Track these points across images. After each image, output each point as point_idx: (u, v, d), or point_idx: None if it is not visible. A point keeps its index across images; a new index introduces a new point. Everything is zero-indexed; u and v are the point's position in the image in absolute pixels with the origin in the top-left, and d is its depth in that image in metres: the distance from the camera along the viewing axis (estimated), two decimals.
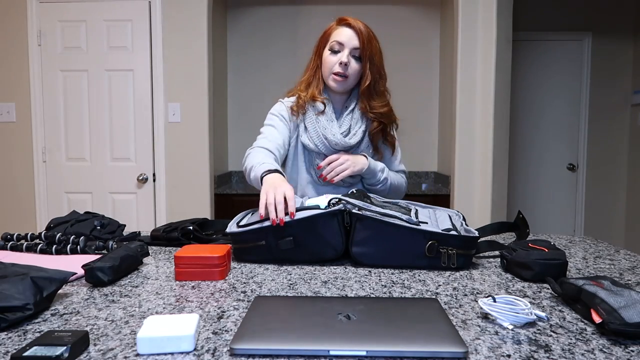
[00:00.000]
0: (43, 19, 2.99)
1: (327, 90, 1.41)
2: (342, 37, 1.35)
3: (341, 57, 1.33)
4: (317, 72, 1.41)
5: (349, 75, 1.34)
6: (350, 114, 1.40)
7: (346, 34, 1.35)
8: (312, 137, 1.38)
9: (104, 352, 0.59)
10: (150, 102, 3.03)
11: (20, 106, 3.04)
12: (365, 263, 1.01)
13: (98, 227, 1.20)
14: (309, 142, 1.38)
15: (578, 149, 4.10)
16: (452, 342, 0.58)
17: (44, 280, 0.73)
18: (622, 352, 0.59)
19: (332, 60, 1.35)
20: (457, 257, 0.97)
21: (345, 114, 1.40)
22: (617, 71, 4.04)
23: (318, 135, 1.37)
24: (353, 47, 1.34)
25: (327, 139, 1.36)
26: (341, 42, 1.34)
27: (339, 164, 1.31)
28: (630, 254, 1.14)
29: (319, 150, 1.37)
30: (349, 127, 1.38)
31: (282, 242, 1.01)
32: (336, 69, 1.34)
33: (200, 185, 3.07)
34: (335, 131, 1.36)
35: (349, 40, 1.34)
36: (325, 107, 1.38)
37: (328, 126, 1.37)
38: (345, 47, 1.34)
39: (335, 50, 1.35)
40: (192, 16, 3.00)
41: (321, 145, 1.37)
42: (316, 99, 1.38)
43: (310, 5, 3.75)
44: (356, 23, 1.37)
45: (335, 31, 1.37)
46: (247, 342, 0.58)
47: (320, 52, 1.40)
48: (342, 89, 1.37)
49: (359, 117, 1.40)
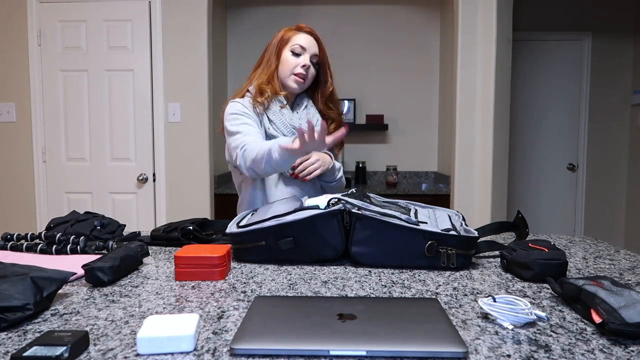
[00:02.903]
0: (43, 19, 2.99)
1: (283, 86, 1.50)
2: (305, 42, 1.44)
3: (304, 60, 1.44)
4: (275, 71, 1.47)
5: (307, 78, 1.45)
6: (305, 110, 1.50)
7: (308, 39, 1.46)
8: (279, 128, 1.44)
9: (104, 352, 0.59)
10: (150, 102, 3.04)
11: (20, 106, 3.04)
12: (365, 263, 1.01)
13: (98, 227, 1.20)
14: (277, 134, 1.44)
15: (578, 149, 4.10)
16: (452, 342, 0.58)
17: (44, 280, 0.73)
18: (622, 352, 0.59)
19: (293, 62, 1.44)
20: (457, 257, 0.97)
21: (300, 109, 1.50)
22: (617, 71, 4.04)
23: (286, 125, 1.44)
24: (313, 53, 1.46)
25: (294, 127, 1.43)
26: (304, 46, 1.44)
27: (311, 163, 1.40)
28: (630, 254, 1.14)
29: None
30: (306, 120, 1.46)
31: (282, 242, 1.01)
32: (298, 70, 1.43)
33: (200, 185, 3.07)
34: (302, 122, 1.45)
35: (310, 46, 1.45)
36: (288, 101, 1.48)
37: (294, 117, 1.46)
38: (306, 51, 1.44)
39: (297, 53, 1.44)
40: (192, 16, 3.00)
41: (289, 135, 1.43)
42: (279, 93, 1.46)
43: (310, 6, 3.75)
44: (315, 32, 1.49)
45: (295, 36, 1.46)
46: (247, 342, 0.58)
47: (279, 53, 1.47)
48: (300, 89, 1.47)
49: (314, 113, 1.50)
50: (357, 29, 3.73)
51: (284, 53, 1.46)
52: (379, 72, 3.73)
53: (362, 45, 3.76)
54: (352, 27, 3.74)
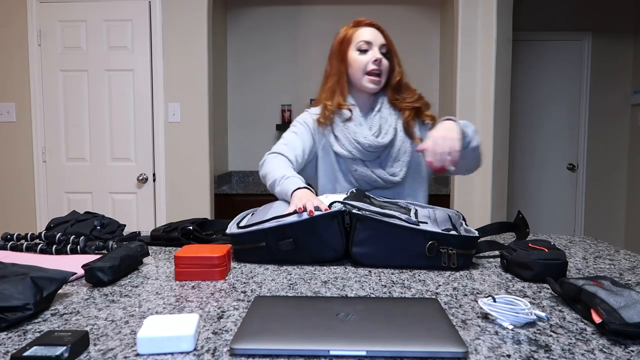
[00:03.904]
0: (43, 19, 2.99)
1: (353, 93, 1.40)
2: (369, 36, 1.34)
3: (374, 54, 1.32)
4: (342, 79, 1.38)
5: (382, 73, 1.34)
6: (378, 114, 1.38)
7: (371, 32, 1.35)
8: (344, 144, 1.35)
9: (104, 352, 0.59)
10: (150, 102, 3.03)
11: (20, 106, 3.04)
12: (366, 263, 1.01)
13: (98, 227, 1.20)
14: (342, 150, 1.35)
15: (578, 149, 4.10)
16: (452, 342, 0.58)
17: (44, 280, 0.73)
18: (622, 352, 0.59)
19: (363, 60, 1.33)
20: (457, 257, 0.97)
21: (372, 115, 1.38)
22: (617, 71, 4.04)
23: (350, 141, 1.34)
24: (380, 44, 1.34)
25: (359, 142, 1.33)
26: (369, 40, 1.33)
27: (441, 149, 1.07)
28: (630, 254, 1.14)
29: (354, 156, 1.35)
30: (379, 127, 1.36)
31: (282, 243, 1.01)
32: (370, 67, 1.32)
33: (200, 185, 3.07)
34: (366, 133, 1.34)
35: (375, 38, 1.34)
36: (352, 113, 1.36)
37: (358, 130, 1.34)
38: (373, 44, 1.34)
39: (364, 50, 1.34)
40: (192, 16, 3.00)
41: (355, 151, 1.34)
42: (342, 106, 1.36)
43: (310, 6, 3.75)
44: (376, 23, 1.38)
45: (357, 32, 1.36)
46: (247, 342, 0.58)
47: (344, 56, 1.37)
48: (378, 88, 1.35)
49: (387, 116, 1.38)
50: None
51: (349, 54, 1.36)
52: None
53: None
54: None
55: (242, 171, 3.88)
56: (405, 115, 1.38)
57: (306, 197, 1.07)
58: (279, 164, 1.28)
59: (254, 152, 3.88)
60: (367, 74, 1.33)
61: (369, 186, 1.37)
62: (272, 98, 3.82)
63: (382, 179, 1.35)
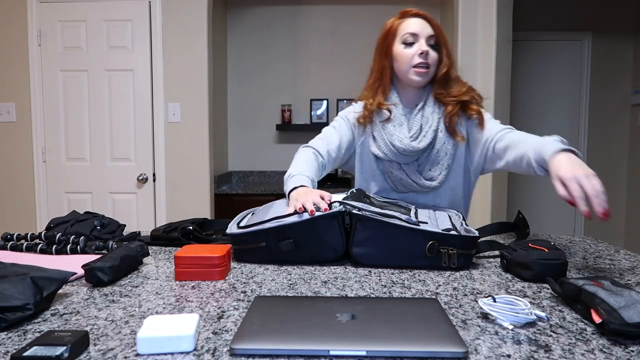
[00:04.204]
0: (43, 19, 2.99)
1: (399, 89, 1.33)
2: (415, 28, 1.26)
3: (420, 46, 1.25)
4: (385, 74, 1.32)
5: (430, 65, 1.26)
6: (420, 112, 1.30)
7: (418, 23, 1.27)
8: (380, 146, 1.30)
9: (104, 352, 0.59)
10: (150, 102, 3.03)
11: (20, 106, 3.04)
12: (366, 263, 1.01)
13: (98, 227, 1.20)
14: (379, 152, 1.31)
15: (578, 149, 4.09)
16: (452, 342, 0.58)
17: (44, 280, 0.73)
18: (622, 352, 0.59)
19: (409, 53, 1.26)
20: (458, 257, 0.97)
21: (414, 114, 1.30)
22: (617, 71, 4.04)
23: (386, 143, 1.29)
24: (428, 35, 1.26)
25: (394, 145, 1.27)
26: (415, 32, 1.26)
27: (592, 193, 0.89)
28: (630, 254, 1.14)
29: (390, 158, 1.30)
30: (419, 127, 1.29)
31: (282, 243, 1.01)
32: (416, 60, 1.25)
33: (200, 185, 3.07)
34: (402, 136, 1.27)
35: (422, 30, 1.26)
36: (392, 114, 1.30)
37: (395, 132, 1.28)
38: (420, 36, 1.26)
39: (410, 42, 1.26)
40: (192, 16, 3.00)
41: (390, 154, 1.29)
42: (382, 106, 1.30)
43: (310, 5, 3.75)
44: (424, 13, 1.30)
45: (403, 24, 1.29)
46: (247, 342, 0.58)
47: (388, 50, 1.30)
48: (425, 81, 1.28)
49: (429, 115, 1.29)
50: (357, 29, 3.73)
51: (394, 48, 1.29)
52: None
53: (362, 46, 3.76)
54: (352, 27, 3.74)
55: (242, 171, 3.88)
56: (447, 110, 1.28)
57: (302, 196, 1.05)
58: (299, 160, 1.27)
59: (254, 152, 3.88)
60: (412, 67, 1.26)
61: (405, 189, 1.32)
62: (272, 98, 3.82)
63: (418, 183, 1.30)
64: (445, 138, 1.29)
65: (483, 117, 1.29)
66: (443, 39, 1.28)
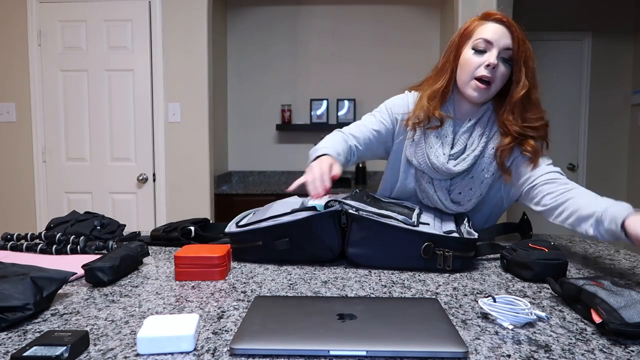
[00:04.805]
0: (43, 19, 2.99)
1: (455, 99, 1.20)
2: (491, 34, 1.10)
3: (489, 57, 1.09)
4: (451, 78, 1.17)
5: (494, 81, 1.11)
6: (470, 130, 1.16)
7: (496, 30, 1.10)
8: (416, 153, 1.19)
9: (104, 352, 0.59)
10: (150, 102, 3.03)
11: (20, 106, 3.04)
12: (361, 264, 1.00)
13: (98, 227, 1.20)
14: (413, 159, 1.20)
15: (578, 149, 4.10)
16: (452, 342, 0.58)
17: (44, 280, 0.73)
18: (622, 352, 0.59)
19: (475, 62, 1.10)
20: (454, 260, 0.95)
21: (462, 130, 1.16)
22: (617, 71, 4.04)
23: (423, 154, 1.18)
24: (504, 46, 1.10)
25: (429, 159, 1.16)
26: (489, 39, 1.10)
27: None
28: (630, 254, 1.14)
29: (422, 169, 1.19)
30: (463, 148, 1.16)
31: (278, 242, 1.01)
32: (480, 73, 1.10)
33: (200, 185, 3.07)
34: (439, 153, 1.16)
35: (499, 39, 1.10)
36: (442, 124, 1.17)
37: (435, 145, 1.16)
38: (494, 46, 1.10)
39: (481, 50, 1.11)
40: (192, 16, 3.00)
41: (424, 166, 1.18)
42: (437, 113, 1.16)
43: (310, 5, 3.75)
44: (508, 19, 1.12)
45: (480, 27, 1.13)
46: (247, 342, 0.58)
47: (458, 52, 1.15)
48: (483, 99, 1.13)
49: (478, 136, 1.16)
50: (357, 29, 3.73)
51: (464, 52, 1.14)
52: (379, 72, 3.73)
53: (362, 45, 3.76)
54: (352, 27, 3.74)
55: (242, 171, 3.88)
56: (503, 141, 1.13)
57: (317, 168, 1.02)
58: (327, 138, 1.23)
59: (254, 152, 3.88)
60: (475, 78, 1.11)
61: (431, 204, 1.22)
62: (272, 98, 3.82)
63: (444, 203, 1.19)
64: (488, 166, 1.17)
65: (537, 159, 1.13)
66: (522, 55, 1.11)
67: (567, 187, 1.07)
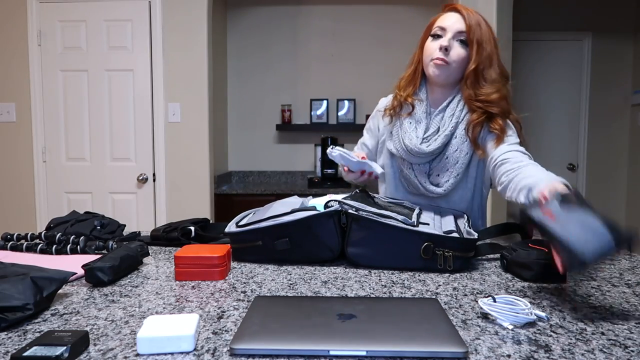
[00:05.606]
0: (43, 19, 2.99)
1: (427, 85, 1.30)
2: (445, 22, 1.22)
3: (442, 41, 1.20)
4: (418, 67, 1.29)
5: (450, 62, 1.20)
6: (441, 113, 1.25)
7: (450, 17, 1.22)
8: (393, 140, 1.29)
9: (104, 352, 0.59)
10: (150, 102, 3.04)
11: (20, 106, 3.04)
12: (361, 264, 1.00)
13: (98, 227, 1.20)
14: (392, 148, 1.29)
15: (578, 149, 4.10)
16: (452, 342, 0.58)
17: (44, 280, 0.73)
18: (622, 352, 0.59)
19: (432, 47, 1.22)
20: (454, 260, 0.95)
21: (434, 114, 1.26)
22: (617, 71, 4.05)
23: (399, 140, 1.26)
24: (457, 30, 1.20)
25: (404, 144, 1.24)
26: (443, 26, 1.21)
27: None
28: (630, 254, 1.14)
29: (400, 155, 1.27)
30: (436, 129, 1.25)
31: (278, 242, 1.01)
32: (435, 55, 1.20)
33: (200, 185, 3.07)
34: (413, 136, 1.24)
35: (452, 24, 1.21)
36: (414, 109, 1.26)
37: (409, 130, 1.25)
38: (447, 31, 1.21)
39: (437, 35, 1.22)
40: (192, 16, 3.00)
41: (402, 152, 1.26)
42: (408, 99, 1.27)
43: (310, 5, 3.75)
44: (464, 8, 1.23)
45: (439, 18, 1.25)
46: (247, 342, 0.58)
47: (422, 44, 1.28)
48: (443, 76, 1.22)
49: (448, 117, 1.24)
50: (357, 29, 3.73)
51: (426, 41, 1.26)
52: (379, 72, 3.73)
53: (362, 46, 3.76)
54: (352, 27, 3.74)
55: (242, 171, 3.88)
56: (471, 117, 1.21)
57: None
58: None
59: (253, 152, 3.88)
60: (432, 60, 1.22)
61: (415, 191, 1.30)
62: (272, 98, 3.82)
63: (424, 187, 1.26)
64: (460, 145, 1.23)
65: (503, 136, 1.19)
66: (476, 37, 1.19)
67: (520, 164, 1.09)
